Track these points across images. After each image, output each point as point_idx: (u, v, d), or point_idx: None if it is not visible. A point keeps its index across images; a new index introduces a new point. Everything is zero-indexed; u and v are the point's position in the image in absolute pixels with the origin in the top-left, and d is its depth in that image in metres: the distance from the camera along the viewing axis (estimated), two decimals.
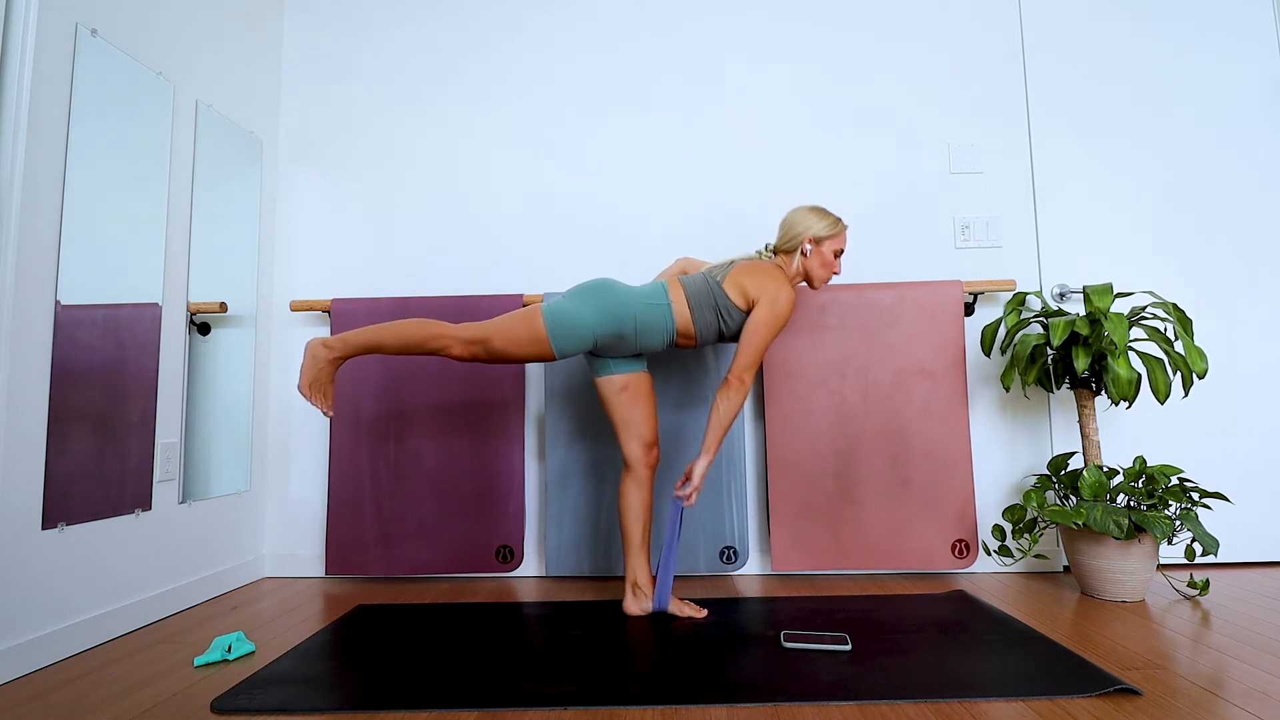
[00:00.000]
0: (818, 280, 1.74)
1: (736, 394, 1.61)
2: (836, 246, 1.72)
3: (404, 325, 1.58)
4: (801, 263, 1.72)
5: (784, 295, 1.62)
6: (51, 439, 1.46)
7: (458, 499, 2.08)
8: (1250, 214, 2.18)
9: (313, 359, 1.56)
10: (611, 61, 2.31)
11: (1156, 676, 1.26)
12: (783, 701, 1.18)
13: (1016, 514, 1.93)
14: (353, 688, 1.27)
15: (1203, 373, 1.74)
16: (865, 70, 2.28)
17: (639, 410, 1.68)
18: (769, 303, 1.61)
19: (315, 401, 1.56)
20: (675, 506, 1.64)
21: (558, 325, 1.58)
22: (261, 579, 2.16)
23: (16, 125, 1.40)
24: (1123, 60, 2.24)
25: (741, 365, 1.61)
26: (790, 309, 1.62)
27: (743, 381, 1.61)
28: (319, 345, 1.57)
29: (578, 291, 1.64)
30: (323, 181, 2.31)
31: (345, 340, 1.57)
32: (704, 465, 1.61)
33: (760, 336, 1.61)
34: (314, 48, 2.36)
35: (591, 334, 1.60)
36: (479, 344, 1.58)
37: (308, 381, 1.56)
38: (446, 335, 1.57)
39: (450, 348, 1.58)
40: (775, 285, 1.63)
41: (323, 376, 1.57)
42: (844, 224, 1.74)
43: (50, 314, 1.47)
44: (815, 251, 1.71)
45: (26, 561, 1.41)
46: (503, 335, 1.58)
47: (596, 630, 1.57)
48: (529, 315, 1.59)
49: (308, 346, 1.57)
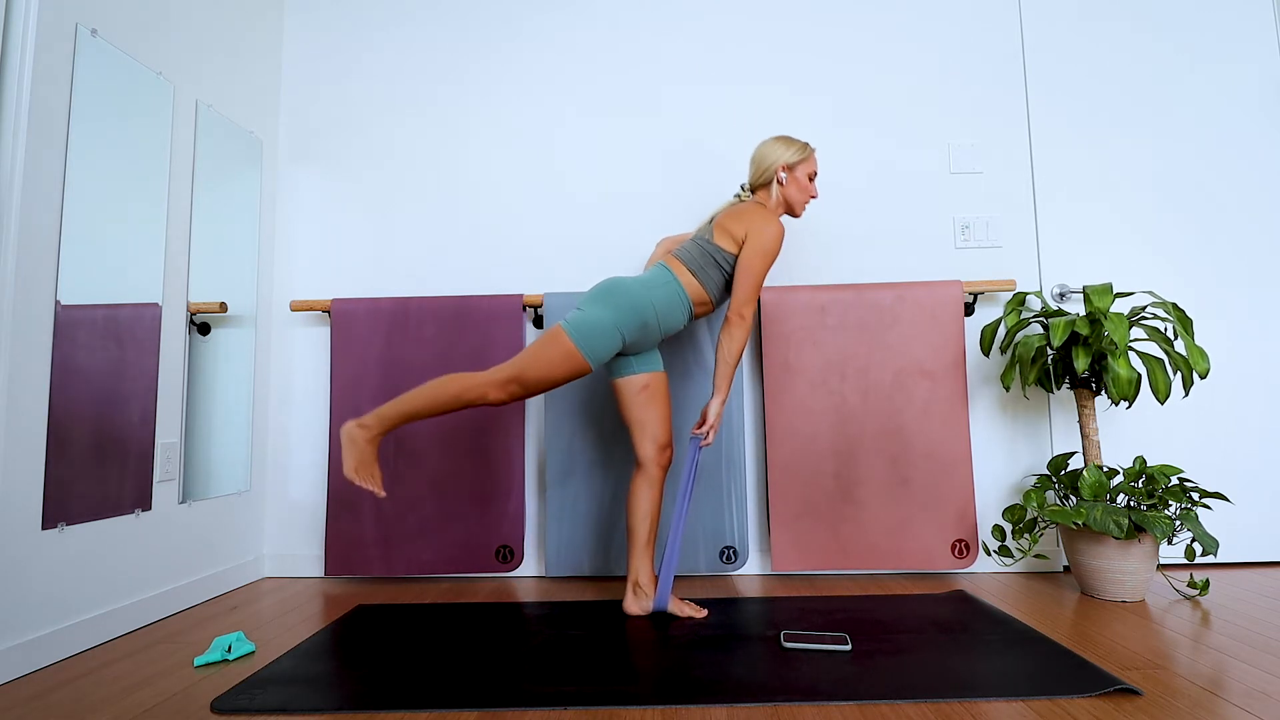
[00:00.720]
0: (798, 205, 1.77)
1: (738, 330, 1.64)
2: (809, 170, 1.76)
3: (435, 387, 1.58)
4: (780, 192, 1.76)
5: (770, 225, 1.66)
6: (51, 439, 1.46)
7: (458, 499, 2.08)
8: (1250, 214, 2.18)
9: (351, 442, 1.57)
10: (612, 61, 2.31)
11: (1156, 676, 1.26)
12: (783, 701, 1.18)
13: (1016, 514, 1.93)
14: (353, 688, 1.27)
15: (1204, 372, 1.74)
16: (865, 70, 2.28)
17: (655, 410, 1.70)
18: (756, 234, 1.65)
19: (365, 484, 1.56)
20: (693, 445, 1.69)
21: (585, 336, 1.58)
22: (261, 579, 2.16)
23: (16, 125, 1.40)
24: (1123, 60, 2.25)
25: (740, 300, 1.64)
26: (778, 237, 1.66)
27: (743, 317, 1.64)
28: (354, 428, 1.57)
29: (591, 298, 1.64)
30: (323, 181, 2.31)
31: (380, 416, 1.58)
32: (718, 404, 1.66)
33: (753, 268, 1.64)
34: (314, 48, 2.36)
35: (618, 333, 1.61)
36: (513, 382, 1.58)
37: (353, 466, 1.55)
38: (479, 384, 1.57)
39: (486, 395, 1.57)
40: (760, 218, 1.66)
41: (366, 457, 1.57)
42: (812, 147, 1.78)
43: (50, 314, 1.47)
44: (790, 178, 1.75)
45: (26, 561, 1.41)
46: (535, 365, 1.57)
47: (596, 630, 1.57)
48: (554, 338, 1.59)
49: (344, 432, 1.58)
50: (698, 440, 1.70)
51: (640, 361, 1.71)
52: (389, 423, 1.58)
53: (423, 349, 2.13)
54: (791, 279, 2.22)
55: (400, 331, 2.14)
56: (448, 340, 2.14)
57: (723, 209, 1.76)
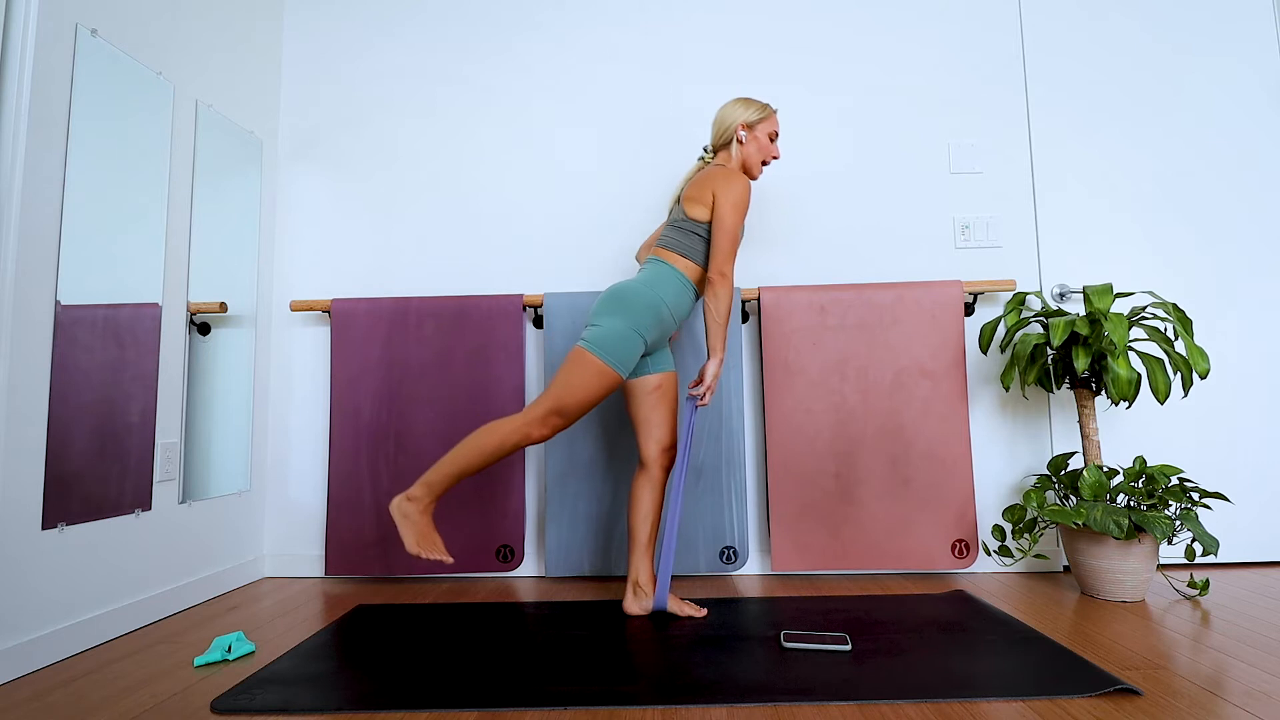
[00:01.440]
0: (755, 165, 1.77)
1: (722, 289, 1.64)
2: (770, 130, 1.76)
3: (476, 443, 1.57)
4: (739, 151, 1.76)
5: (735, 180, 1.66)
6: (51, 439, 1.46)
7: (458, 499, 2.08)
8: (1250, 214, 2.18)
9: (405, 518, 1.56)
10: (614, 62, 2.31)
11: (1156, 676, 1.26)
12: (783, 701, 1.18)
13: (1016, 514, 1.93)
14: (353, 688, 1.27)
15: (1204, 372, 1.74)
16: (866, 70, 2.28)
17: (662, 411, 1.71)
18: (723, 192, 1.65)
19: (430, 556, 1.55)
20: (690, 406, 1.69)
21: (611, 351, 1.58)
22: (261, 579, 2.16)
23: (16, 125, 1.40)
24: (1123, 60, 2.24)
25: (720, 259, 1.64)
26: (745, 190, 1.66)
27: (724, 275, 1.64)
28: (404, 503, 1.57)
29: (602, 310, 1.63)
30: (323, 181, 2.31)
31: (427, 485, 1.57)
32: (715, 364, 1.65)
33: (726, 224, 1.64)
34: (314, 48, 2.36)
35: (640, 338, 1.61)
36: (553, 415, 1.57)
37: (414, 541, 1.54)
38: (519, 427, 1.57)
39: (530, 435, 1.57)
40: (723, 177, 1.67)
41: (423, 528, 1.57)
42: (773, 108, 1.78)
43: (50, 314, 1.47)
44: (750, 137, 1.75)
45: (26, 561, 1.41)
46: (570, 394, 1.57)
47: (596, 630, 1.57)
48: (580, 362, 1.58)
49: (395, 509, 1.57)
50: (694, 401, 1.69)
51: (654, 361, 1.71)
52: (437, 489, 1.58)
53: (423, 349, 2.14)
54: (791, 279, 2.22)
55: (400, 331, 2.14)
56: (448, 340, 2.14)
57: (684, 183, 1.78)
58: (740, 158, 1.76)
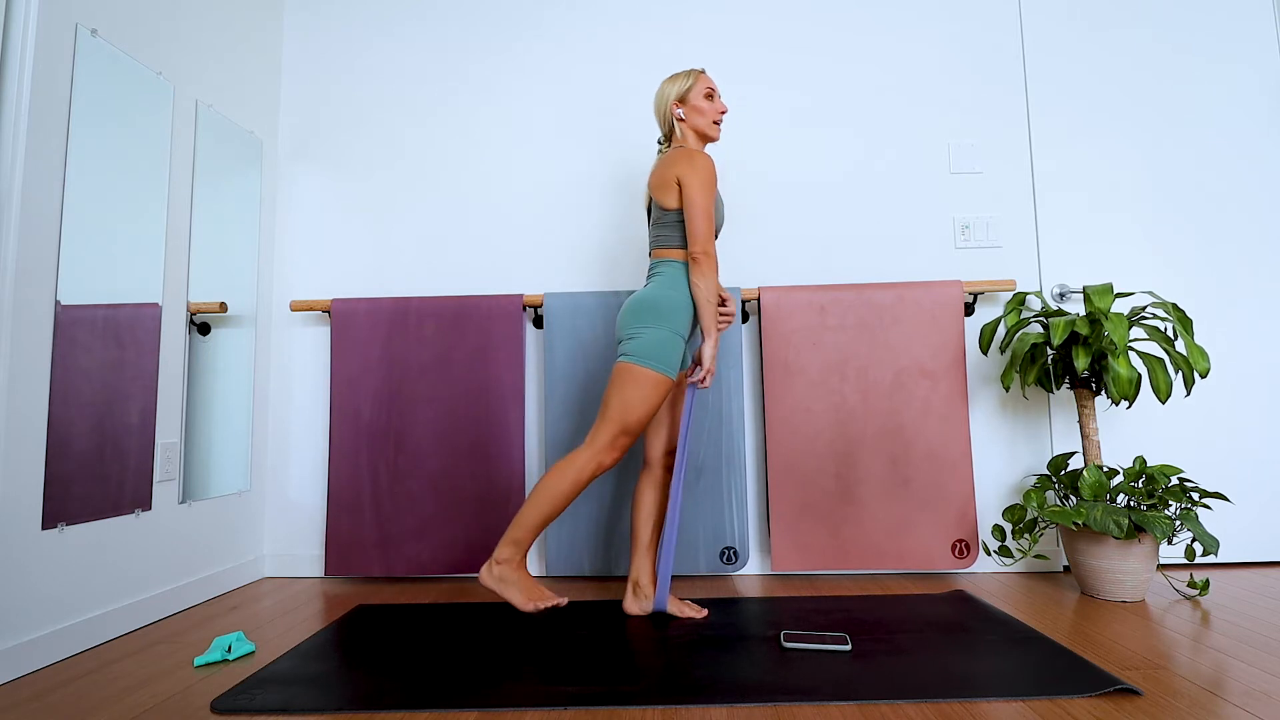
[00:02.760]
0: (707, 129, 1.72)
1: (706, 267, 1.61)
2: (703, 90, 1.72)
3: (551, 488, 1.57)
4: (685, 129, 1.74)
5: (695, 158, 1.64)
6: (51, 439, 1.46)
7: (458, 499, 2.08)
8: (1250, 214, 2.18)
9: (503, 582, 1.58)
10: (615, 62, 2.31)
11: (1156, 676, 1.26)
12: (783, 701, 1.18)
13: (1016, 514, 1.93)
14: (352, 688, 1.27)
15: (1205, 372, 1.74)
16: (866, 70, 2.28)
17: (671, 412, 1.73)
18: (686, 172, 1.63)
19: (546, 605, 1.56)
20: (690, 391, 1.68)
21: (658, 358, 1.58)
22: (261, 579, 2.16)
23: (16, 125, 1.40)
24: (1123, 60, 2.24)
25: (698, 238, 1.62)
26: (708, 167, 1.64)
27: (707, 254, 1.61)
28: (498, 568, 1.58)
29: (637, 324, 1.62)
30: (323, 181, 2.31)
31: (515, 543, 1.58)
32: (711, 347, 1.62)
33: (697, 203, 1.62)
34: (314, 48, 2.36)
35: (680, 339, 1.62)
36: (621, 436, 1.58)
37: (524, 600, 1.56)
38: (590, 460, 1.58)
39: (603, 464, 1.59)
40: (683, 157, 1.65)
41: (526, 584, 1.59)
42: (697, 69, 1.74)
43: (50, 314, 1.47)
44: (687, 109, 1.72)
45: (26, 561, 1.41)
46: (632, 412, 1.57)
47: (596, 630, 1.57)
48: (633, 379, 1.58)
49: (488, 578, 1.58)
50: (694, 387, 1.68)
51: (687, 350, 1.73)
52: (525, 544, 1.59)
53: (423, 349, 2.13)
54: (791, 279, 2.22)
55: (400, 331, 2.14)
56: (448, 340, 2.14)
57: (648, 182, 1.76)
58: (691, 133, 1.74)
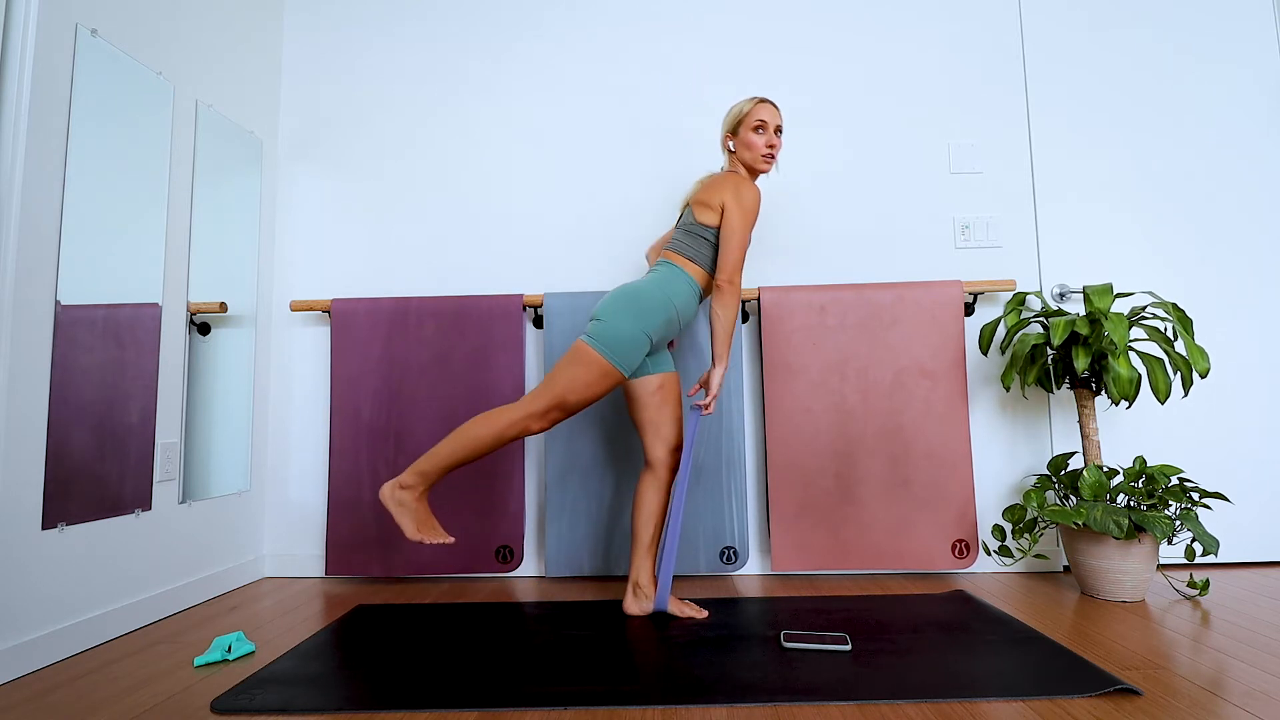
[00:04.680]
0: (755, 163, 1.72)
1: (730, 297, 1.62)
2: (753, 123, 1.70)
3: (471, 430, 1.56)
4: (734, 160, 1.74)
5: (745, 188, 1.65)
6: (51, 439, 1.46)
7: (458, 499, 2.08)
8: (1250, 214, 2.18)
9: (401, 506, 1.55)
10: (615, 62, 2.31)
11: (1156, 676, 1.26)
12: (783, 701, 1.18)
13: (1016, 514, 1.93)
14: (353, 688, 1.27)
15: (1204, 372, 1.74)
16: (866, 70, 2.28)
17: (668, 411, 1.70)
18: (733, 198, 1.64)
19: (431, 539, 1.54)
20: (694, 414, 1.68)
21: (614, 349, 1.57)
22: (261, 579, 2.16)
23: (16, 125, 1.40)
24: (1123, 60, 2.24)
25: (729, 267, 1.63)
26: (755, 199, 1.65)
27: (733, 283, 1.62)
28: (396, 490, 1.56)
29: (612, 308, 1.62)
30: (323, 181, 2.31)
31: (420, 472, 1.56)
32: (719, 373, 1.64)
33: (736, 232, 1.63)
34: (314, 47, 2.36)
35: (646, 338, 1.61)
36: (554, 409, 1.57)
37: (414, 528, 1.54)
38: (518, 420, 1.56)
39: (529, 428, 1.57)
40: (733, 183, 1.66)
41: (421, 514, 1.56)
42: (756, 99, 1.71)
43: (50, 314, 1.47)
44: (737, 142, 1.73)
45: (26, 561, 1.41)
46: (572, 389, 1.56)
47: (596, 630, 1.57)
48: (582, 358, 1.57)
49: (387, 497, 1.55)
50: (698, 410, 1.69)
51: (654, 362, 1.71)
52: (431, 477, 1.57)
53: (423, 349, 2.13)
54: (791, 279, 2.22)
55: (400, 331, 2.14)
56: (448, 340, 2.13)
57: (694, 189, 1.76)
58: (741, 165, 1.75)
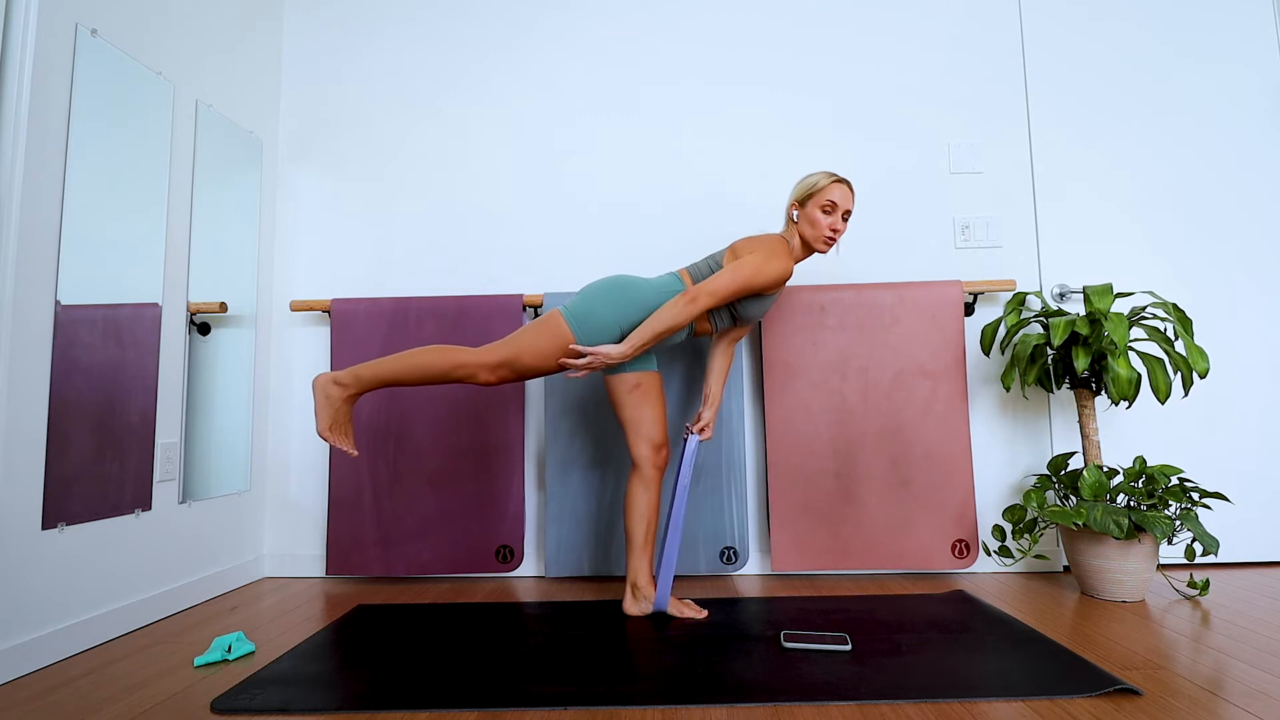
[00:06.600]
0: (814, 242, 1.68)
1: (688, 308, 1.57)
2: (823, 201, 1.65)
3: (421, 355, 1.54)
4: (793, 230, 1.71)
5: (774, 262, 1.61)
6: (51, 439, 1.46)
7: (458, 499, 2.08)
8: (1250, 214, 2.18)
9: (326, 399, 1.51)
10: (614, 62, 2.31)
11: (1156, 676, 1.26)
12: (783, 701, 1.18)
13: (1016, 514, 1.93)
14: (353, 688, 1.27)
15: (1204, 372, 1.74)
16: (865, 70, 2.28)
17: (649, 410, 1.67)
18: (764, 252, 1.61)
19: (339, 444, 1.52)
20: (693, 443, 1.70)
21: (585, 328, 1.57)
22: (261, 579, 2.16)
23: (16, 125, 1.40)
24: (1123, 60, 2.24)
25: (708, 286, 1.59)
26: (777, 270, 1.60)
27: (696, 301, 1.57)
28: (329, 384, 1.52)
29: (595, 291, 1.63)
30: (323, 181, 2.31)
31: (357, 376, 1.53)
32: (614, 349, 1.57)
33: (740, 272, 1.59)
34: (314, 47, 2.36)
35: (618, 330, 1.60)
36: (505, 366, 1.56)
37: (327, 425, 1.51)
38: (470, 363, 1.55)
39: (476, 375, 1.55)
40: (769, 245, 1.64)
41: (340, 416, 1.53)
42: (834, 177, 1.65)
43: (50, 314, 1.47)
44: (802, 215, 1.69)
45: (26, 561, 1.41)
46: (529, 350, 1.56)
47: (596, 630, 1.57)
48: (551, 325, 1.57)
49: (317, 386, 1.51)
50: (696, 436, 1.71)
51: (634, 361, 1.68)
52: (367, 384, 1.53)
53: None
54: (792, 279, 2.22)
55: (400, 331, 2.14)
56: (448, 340, 2.13)
57: (738, 241, 1.71)
58: (798, 239, 1.71)
